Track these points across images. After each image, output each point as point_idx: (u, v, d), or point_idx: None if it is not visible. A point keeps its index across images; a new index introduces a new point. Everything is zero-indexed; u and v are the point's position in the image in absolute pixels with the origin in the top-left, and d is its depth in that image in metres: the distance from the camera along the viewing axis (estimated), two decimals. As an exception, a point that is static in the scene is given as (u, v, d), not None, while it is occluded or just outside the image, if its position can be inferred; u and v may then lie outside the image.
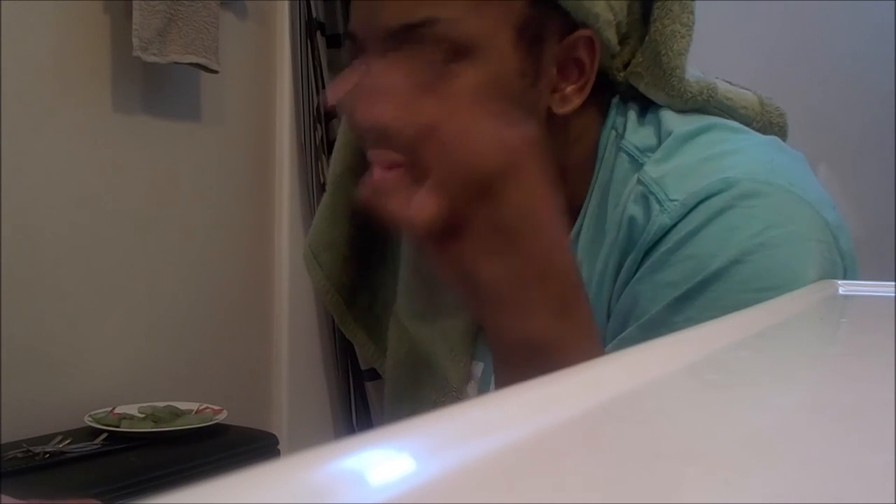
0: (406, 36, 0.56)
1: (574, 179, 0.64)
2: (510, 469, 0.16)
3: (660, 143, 0.61)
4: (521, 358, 0.48)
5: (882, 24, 2.00)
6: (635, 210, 0.58)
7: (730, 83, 0.70)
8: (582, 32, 0.60)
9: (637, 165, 0.61)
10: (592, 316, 0.50)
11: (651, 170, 0.59)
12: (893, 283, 0.52)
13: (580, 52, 0.61)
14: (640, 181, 0.59)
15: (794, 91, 1.96)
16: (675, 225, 0.56)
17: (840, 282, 0.55)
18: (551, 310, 0.47)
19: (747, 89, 0.70)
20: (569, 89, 0.61)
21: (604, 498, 0.14)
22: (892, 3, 1.97)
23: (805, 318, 0.43)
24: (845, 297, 0.52)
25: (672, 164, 0.59)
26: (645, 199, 0.58)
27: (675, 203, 0.56)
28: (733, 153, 0.59)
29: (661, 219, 0.56)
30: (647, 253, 0.57)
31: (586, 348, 0.48)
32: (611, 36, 0.62)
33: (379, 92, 0.48)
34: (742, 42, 2.04)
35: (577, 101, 0.61)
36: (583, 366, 0.24)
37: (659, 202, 0.57)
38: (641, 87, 0.64)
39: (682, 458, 0.17)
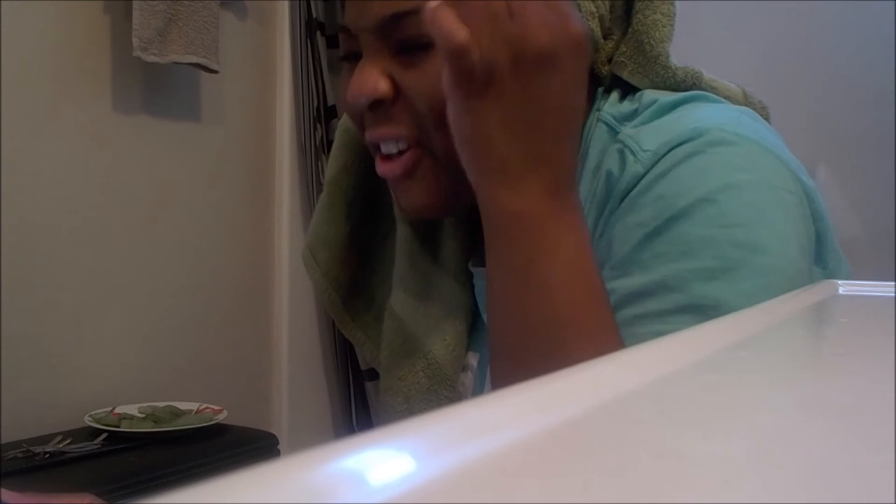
0: (397, 24, 0.58)
1: None
2: (510, 469, 0.16)
3: (638, 111, 0.63)
4: (509, 227, 0.52)
5: (882, 24, 2.00)
6: (612, 165, 0.61)
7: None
8: None
9: (614, 133, 0.63)
10: (580, 201, 0.55)
11: (629, 130, 0.62)
12: (893, 283, 0.52)
13: None
14: (617, 140, 0.62)
15: (793, 91, 1.96)
16: (647, 172, 0.58)
17: (840, 282, 0.55)
18: (546, 189, 0.52)
19: (731, 83, 0.72)
20: None
21: (603, 498, 0.14)
22: (893, 3, 1.97)
23: (805, 318, 0.43)
24: (845, 297, 0.52)
25: (649, 124, 0.61)
26: (621, 153, 0.60)
27: (648, 153, 0.58)
28: (707, 111, 0.61)
29: (634, 168, 0.58)
30: (622, 201, 0.59)
31: (570, 226, 0.53)
32: (594, 26, 0.64)
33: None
34: (742, 43, 2.04)
35: None
36: (583, 366, 0.24)
37: (633, 153, 0.59)
38: (625, 75, 0.66)
39: (682, 458, 0.17)
